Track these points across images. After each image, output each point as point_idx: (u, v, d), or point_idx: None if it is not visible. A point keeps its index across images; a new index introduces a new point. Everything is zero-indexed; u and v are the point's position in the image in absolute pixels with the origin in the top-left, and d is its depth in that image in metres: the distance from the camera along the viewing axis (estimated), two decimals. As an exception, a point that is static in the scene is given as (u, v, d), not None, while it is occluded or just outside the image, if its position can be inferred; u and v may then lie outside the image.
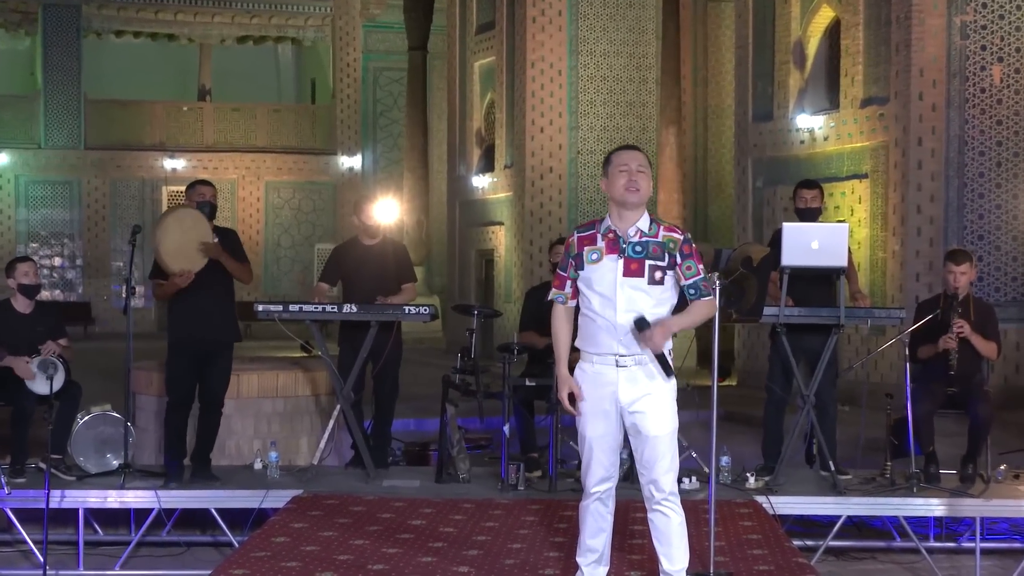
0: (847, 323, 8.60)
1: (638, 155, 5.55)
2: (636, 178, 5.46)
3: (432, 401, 12.38)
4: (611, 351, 5.46)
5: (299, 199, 34.91)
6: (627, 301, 5.44)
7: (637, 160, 5.52)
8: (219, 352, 8.59)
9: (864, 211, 16.70)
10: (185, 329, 8.50)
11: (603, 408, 5.53)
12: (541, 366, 9.22)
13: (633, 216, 5.51)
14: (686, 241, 5.49)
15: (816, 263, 8.31)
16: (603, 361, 5.50)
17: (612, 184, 5.50)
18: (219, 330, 8.58)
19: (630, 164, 5.49)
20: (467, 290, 25.81)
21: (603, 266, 5.50)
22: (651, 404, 5.48)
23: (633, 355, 5.45)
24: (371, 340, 8.83)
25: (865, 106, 16.76)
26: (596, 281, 5.50)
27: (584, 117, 23.02)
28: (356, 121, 34.75)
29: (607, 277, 5.48)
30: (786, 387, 8.99)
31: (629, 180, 5.46)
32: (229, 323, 8.66)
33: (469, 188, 25.68)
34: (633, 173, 5.47)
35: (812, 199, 9.06)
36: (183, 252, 8.31)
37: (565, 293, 5.66)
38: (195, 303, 8.43)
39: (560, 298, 5.68)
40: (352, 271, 9.37)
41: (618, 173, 5.49)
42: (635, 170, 5.48)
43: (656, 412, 5.48)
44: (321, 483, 8.59)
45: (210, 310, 8.51)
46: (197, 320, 8.47)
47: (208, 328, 8.51)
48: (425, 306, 8.89)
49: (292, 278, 34.57)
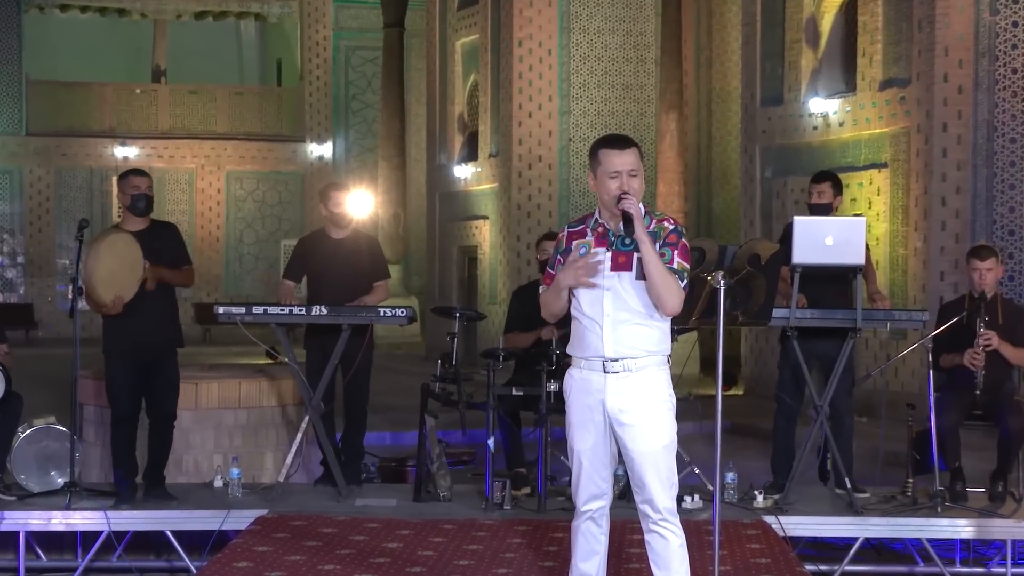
0: (864, 326, 8.62)
1: (629, 156, 5.49)
2: (629, 185, 5.45)
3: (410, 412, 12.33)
4: (598, 354, 5.47)
5: (263, 190, 34.87)
6: (615, 298, 5.45)
7: (629, 164, 5.47)
8: (162, 360, 8.57)
9: (883, 204, 16.73)
10: (122, 335, 8.48)
11: (592, 418, 5.53)
12: (529, 374, 9.21)
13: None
14: (674, 231, 5.47)
15: (830, 261, 8.32)
16: (590, 366, 5.50)
17: (602, 187, 5.49)
18: (159, 336, 8.55)
19: (621, 171, 5.46)
20: (448, 291, 25.80)
21: (591, 260, 5.51)
22: (643, 414, 5.47)
23: (622, 359, 5.46)
24: (342, 345, 8.83)
25: (884, 88, 16.79)
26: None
27: (576, 101, 23.03)
28: (326, 105, 34.72)
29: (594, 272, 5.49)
30: (797, 396, 9.00)
31: (620, 189, 5.42)
32: (170, 328, 8.64)
33: (450, 179, 25.67)
34: (625, 181, 5.46)
35: (820, 193, 9.06)
36: (116, 279, 8.34)
37: None
38: (132, 307, 8.40)
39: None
40: (319, 266, 9.35)
41: (608, 179, 5.47)
42: (627, 176, 5.47)
43: (649, 424, 5.48)
44: (288, 502, 8.58)
45: (149, 314, 8.48)
46: (135, 325, 8.44)
47: (147, 334, 8.48)
48: (402, 308, 8.88)
49: (256, 277, 34.54)
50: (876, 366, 15.63)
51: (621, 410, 5.47)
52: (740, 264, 7.52)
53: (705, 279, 6.94)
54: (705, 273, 7.02)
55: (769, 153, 19.04)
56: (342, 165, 34.46)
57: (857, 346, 8.93)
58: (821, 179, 9.21)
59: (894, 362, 14.02)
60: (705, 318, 7.68)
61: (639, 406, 5.47)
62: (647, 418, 5.47)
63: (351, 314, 8.83)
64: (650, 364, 5.49)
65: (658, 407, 5.50)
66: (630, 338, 5.46)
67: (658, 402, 5.51)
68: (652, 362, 5.50)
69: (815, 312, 8.64)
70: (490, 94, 23.88)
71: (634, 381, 5.47)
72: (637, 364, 5.47)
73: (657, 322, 5.51)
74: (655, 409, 5.49)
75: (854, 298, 8.57)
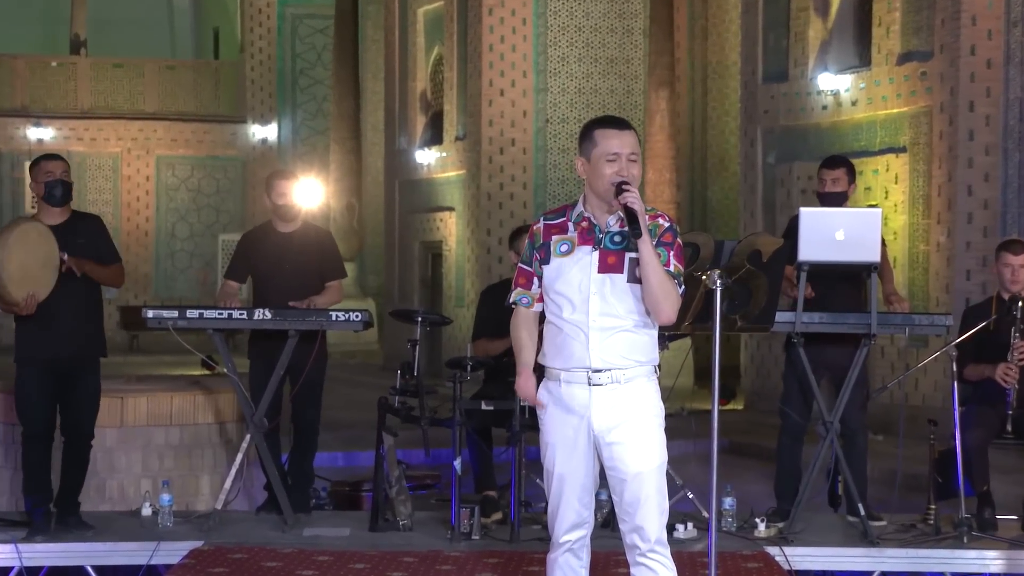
0: (880, 332, 8.64)
1: (630, 138, 5.53)
2: (629, 171, 5.47)
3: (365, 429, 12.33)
4: (582, 365, 5.47)
5: (199, 178, 34.79)
6: (602, 303, 5.45)
7: (630, 146, 5.50)
8: (81, 370, 8.54)
9: (902, 193, 16.80)
10: (36, 342, 8.44)
11: (573, 437, 5.53)
12: (500, 385, 9.22)
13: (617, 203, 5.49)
14: (669, 229, 5.50)
15: (842, 258, 8.34)
16: (572, 379, 5.51)
17: (595, 172, 5.48)
18: (80, 344, 8.52)
19: (621, 153, 5.48)
20: (409, 292, 25.79)
21: (574, 260, 5.51)
22: (633, 432, 5.48)
23: (610, 370, 5.47)
24: (289, 353, 8.82)
25: (903, 63, 16.86)
26: (565, 277, 5.50)
27: (554, 77, 23.05)
28: (271, 81, 34.64)
29: (578, 274, 5.49)
30: (804, 411, 9.02)
31: (619, 175, 5.43)
32: (93, 335, 8.61)
33: (412, 165, 25.66)
34: (624, 165, 5.48)
35: (835, 181, 9.09)
36: (29, 275, 8.26)
37: (531, 294, 5.65)
38: (49, 310, 8.37)
39: (524, 299, 5.66)
40: (265, 265, 9.34)
41: (605, 162, 5.47)
42: (627, 160, 5.48)
43: (639, 442, 5.49)
44: (226, 532, 8.56)
45: (69, 319, 8.45)
46: (53, 331, 8.40)
47: (66, 341, 8.44)
48: (357, 311, 8.87)
49: (190, 277, 34.46)
50: (893, 377, 15.70)
51: (609, 427, 5.48)
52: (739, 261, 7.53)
53: (699, 279, 6.95)
54: (699, 272, 7.02)
55: (772, 136, 19.09)
56: (288, 149, 34.40)
57: (872, 354, 8.96)
58: (835, 164, 9.23)
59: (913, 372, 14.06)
60: (699, 323, 7.68)
61: (628, 422, 5.48)
62: (637, 435, 5.49)
63: (299, 318, 8.82)
64: (640, 375, 5.51)
65: (649, 423, 5.52)
66: (618, 347, 5.46)
67: (649, 417, 5.52)
68: (642, 373, 5.52)
69: (824, 316, 8.66)
70: (456, 69, 23.87)
71: (623, 394, 5.48)
72: (626, 375, 5.48)
73: (647, 329, 5.52)
74: (646, 425, 5.51)
75: (868, 300, 8.59)
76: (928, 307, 15.91)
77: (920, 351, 15.69)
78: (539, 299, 5.63)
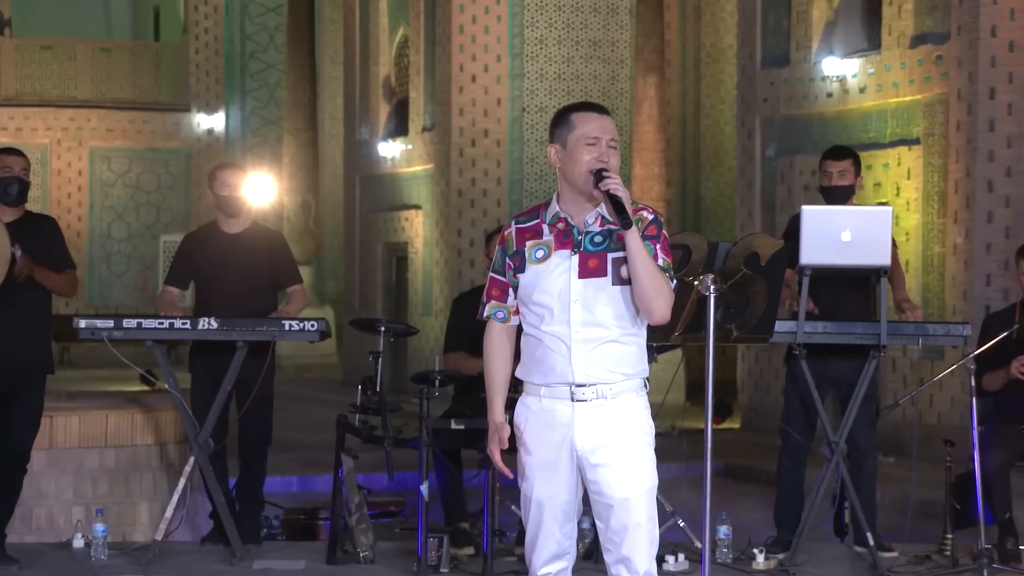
0: (891, 343, 8.67)
1: (609, 123, 5.55)
2: (608, 158, 5.48)
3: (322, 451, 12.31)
4: (564, 380, 5.48)
5: (138, 172, 34.71)
6: (584, 311, 5.45)
7: (610, 131, 5.52)
8: (23, 387, 8.53)
9: (915, 189, 16.84)
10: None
11: (553, 458, 5.53)
12: (472, 402, 9.22)
13: (596, 198, 5.50)
14: (655, 222, 5.49)
15: (848, 261, 8.37)
16: (553, 394, 5.51)
17: (571, 160, 5.48)
18: (25, 355, 8.51)
19: (601, 138, 5.49)
20: (371, 299, 25.77)
21: (551, 266, 5.50)
22: (620, 453, 5.49)
23: (594, 384, 5.47)
24: (237, 367, 8.81)
25: (916, 45, 16.90)
26: (542, 286, 5.50)
27: (532, 61, 23.06)
28: (217, 66, 34.60)
29: (557, 281, 5.48)
30: (807, 431, 9.05)
31: (598, 161, 5.45)
32: (38, 348, 8.60)
33: (374, 159, 25.64)
34: (604, 150, 5.49)
35: (841, 174, 9.12)
36: None
37: (506, 307, 5.65)
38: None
39: (499, 313, 5.66)
40: (209, 269, 9.33)
41: (583, 147, 5.48)
42: (607, 146, 5.49)
43: (627, 464, 5.49)
44: (167, 566, 8.55)
45: (11, 330, 8.43)
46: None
47: (9, 351, 8.44)
48: (313, 320, 8.87)
49: (128, 282, 34.37)
50: (905, 392, 15.72)
51: (594, 448, 5.48)
52: (735, 265, 7.56)
53: (691, 284, 6.97)
54: (691, 276, 7.05)
55: (772, 127, 19.12)
56: (237, 141, 34.36)
57: (882, 368, 8.99)
58: (840, 155, 9.26)
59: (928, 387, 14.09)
60: (691, 333, 7.69)
61: (616, 442, 5.48)
62: (626, 457, 5.49)
63: (248, 328, 8.81)
64: (627, 390, 5.51)
65: (638, 442, 5.52)
66: (604, 359, 5.47)
67: (638, 436, 5.52)
68: (630, 387, 5.52)
69: (829, 325, 8.69)
70: (424, 52, 23.86)
71: (609, 411, 5.49)
72: (613, 390, 5.49)
73: (634, 338, 5.52)
74: (634, 445, 5.51)
75: (878, 308, 8.62)
76: (944, 315, 15.94)
77: (935, 364, 15.71)
78: (516, 312, 5.63)
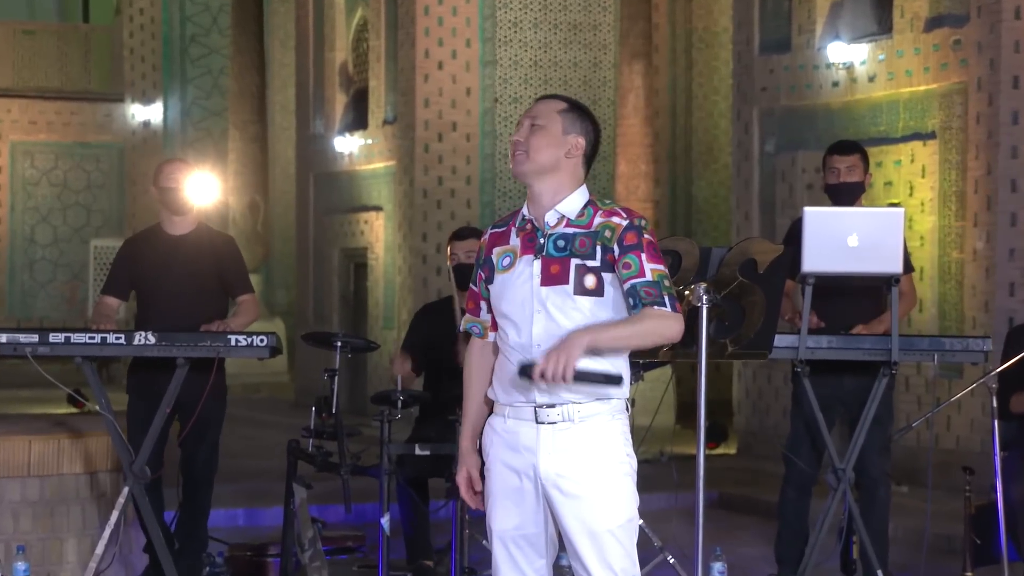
0: (903, 359, 8.68)
1: (540, 104, 5.67)
2: (521, 139, 5.57)
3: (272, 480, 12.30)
4: (527, 399, 5.51)
5: (65, 170, 34.61)
6: (547, 322, 5.48)
7: (533, 111, 5.64)
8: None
9: (930, 189, 16.88)
10: None
11: (517, 486, 5.55)
12: (439, 425, 9.22)
13: (549, 192, 5.56)
14: (631, 228, 5.51)
15: (856, 268, 8.39)
16: (517, 415, 5.54)
17: None
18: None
19: (523, 120, 5.63)
20: (326, 310, 25.74)
21: (515, 274, 5.56)
22: (592, 481, 5.50)
23: (562, 405, 5.48)
24: (178, 387, 8.79)
25: (932, 29, 16.94)
26: (508, 296, 5.55)
27: (505, 47, 23.07)
28: (155, 51, 34.52)
29: (520, 289, 5.53)
30: (812, 457, 9.06)
31: (514, 142, 5.58)
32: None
33: (329, 155, 25.62)
34: (523, 130, 5.59)
35: (849, 169, 9.15)
36: None
37: (480, 321, 5.71)
38: None
39: (474, 328, 5.73)
40: (150, 275, 9.31)
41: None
42: (527, 127, 5.59)
43: (600, 494, 5.50)
44: (100, 608, 8.52)
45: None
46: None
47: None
48: (262, 335, 8.85)
49: (55, 292, 34.28)
50: (920, 414, 15.75)
51: (560, 475, 5.50)
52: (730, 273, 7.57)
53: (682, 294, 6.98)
54: (682, 286, 7.06)
55: (771, 119, 19.16)
56: (177, 135, 34.26)
57: (894, 387, 9.01)
58: (847, 150, 9.30)
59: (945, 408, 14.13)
60: (682, 348, 7.70)
61: (586, 469, 5.49)
62: (597, 486, 5.50)
63: (190, 344, 8.78)
64: (601, 412, 5.53)
65: (612, 471, 5.53)
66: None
67: (612, 463, 5.53)
68: (604, 409, 5.53)
69: (834, 339, 8.71)
70: (385, 36, 23.86)
71: (578, 435, 5.50)
72: (582, 412, 5.50)
73: (608, 354, 5.53)
74: (608, 473, 5.52)
75: (889, 320, 8.63)
76: (962, 329, 15.96)
77: (953, 383, 15.74)
78: (493, 327, 5.68)
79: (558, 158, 5.56)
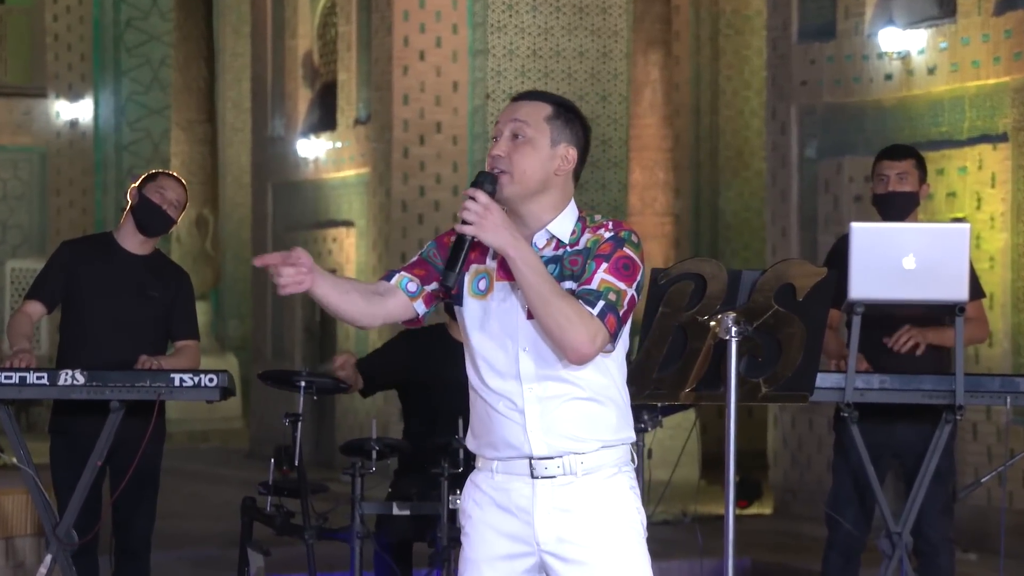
0: (970, 403, 8.68)
1: (522, 106, 5.63)
2: (502, 154, 5.54)
3: (223, 546, 12.31)
4: (520, 451, 5.51)
5: (-25, 179, 34.67)
6: (537, 361, 5.49)
7: (511, 115, 5.59)
8: None
9: (1000, 201, 16.90)
10: None
11: (506, 553, 5.56)
12: (420, 480, 9.21)
13: (535, 214, 5.57)
14: (612, 239, 5.51)
15: (913, 295, 8.40)
16: (508, 469, 5.55)
17: None
18: None
19: (501, 127, 5.59)
20: (287, 345, 25.76)
21: (494, 302, 5.55)
22: (598, 546, 5.52)
23: (561, 456, 5.48)
24: (111, 435, 8.78)
25: (1004, 12, 16.97)
26: (484, 329, 5.54)
27: (499, 34, 23.12)
28: (84, 37, 34.58)
29: (501, 321, 5.52)
30: (862, 518, 9.07)
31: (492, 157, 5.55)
32: None
33: (292, 160, 25.66)
34: (503, 141, 5.56)
35: (901, 177, 9.16)
36: None
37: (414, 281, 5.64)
38: None
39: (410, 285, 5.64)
40: (96, 290, 9.29)
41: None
42: (507, 137, 5.56)
43: (608, 561, 5.52)
44: None
45: None
46: None
47: None
48: (212, 373, 8.85)
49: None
50: (990, 468, 15.76)
51: (561, 539, 5.51)
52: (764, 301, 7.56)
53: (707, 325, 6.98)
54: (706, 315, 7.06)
55: (813, 118, 19.20)
56: (110, 136, 34.28)
57: (960, 435, 9.02)
58: (900, 154, 9.32)
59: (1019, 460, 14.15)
60: (707, 389, 7.70)
61: (591, 532, 5.51)
62: (607, 551, 5.52)
63: (125, 384, 8.77)
64: (605, 464, 5.54)
65: (623, 533, 5.55)
66: (568, 422, 5.50)
67: (623, 524, 5.56)
68: (609, 460, 5.55)
69: (888, 379, 8.70)
70: (356, 21, 23.91)
71: (580, 492, 5.52)
72: (585, 464, 5.51)
73: (611, 396, 5.57)
74: (618, 536, 5.54)
75: (953, 356, 8.64)
76: (1039, 366, 16.01)
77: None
78: (428, 300, 5.64)
79: (547, 175, 5.55)
